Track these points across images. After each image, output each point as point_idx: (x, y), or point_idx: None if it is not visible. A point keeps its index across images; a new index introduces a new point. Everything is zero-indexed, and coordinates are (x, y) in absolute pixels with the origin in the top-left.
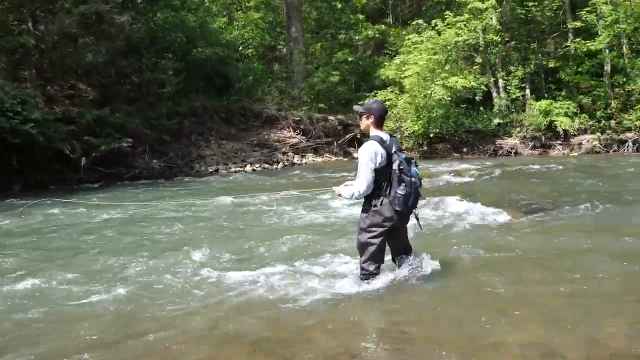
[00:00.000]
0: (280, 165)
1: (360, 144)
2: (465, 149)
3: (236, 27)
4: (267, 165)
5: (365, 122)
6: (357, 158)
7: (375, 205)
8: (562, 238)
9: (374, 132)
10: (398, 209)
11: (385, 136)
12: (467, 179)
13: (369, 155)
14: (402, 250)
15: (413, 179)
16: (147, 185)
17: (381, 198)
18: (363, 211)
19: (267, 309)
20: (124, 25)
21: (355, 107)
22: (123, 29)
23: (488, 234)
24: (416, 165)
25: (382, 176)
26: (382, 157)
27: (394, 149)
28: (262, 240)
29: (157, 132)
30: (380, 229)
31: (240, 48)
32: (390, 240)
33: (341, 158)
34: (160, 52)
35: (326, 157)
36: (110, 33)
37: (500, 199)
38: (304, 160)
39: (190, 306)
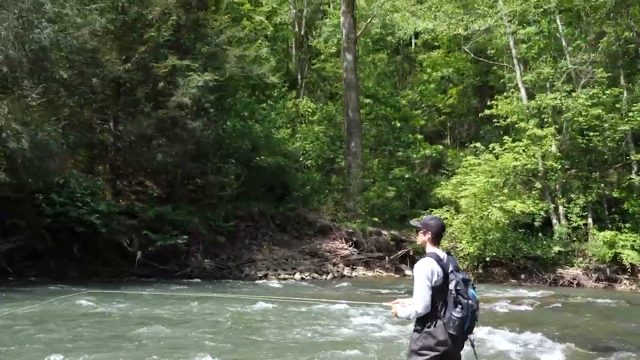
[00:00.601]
0: (330, 276)
1: (413, 261)
2: (523, 276)
3: (298, 138)
4: (317, 275)
5: (421, 238)
6: (408, 275)
7: (428, 327)
8: None
9: (430, 249)
10: (453, 332)
11: (442, 254)
12: (525, 308)
13: (425, 273)
14: None
15: (470, 301)
16: (198, 284)
17: (435, 320)
18: (415, 331)
19: None
20: (195, 130)
21: (413, 222)
22: (194, 134)
23: None
24: (474, 288)
25: (438, 296)
26: (438, 275)
27: (450, 268)
28: (307, 355)
29: (213, 233)
30: (432, 353)
31: (300, 158)
32: None
33: (392, 274)
34: (225, 157)
35: (377, 271)
36: (182, 137)
37: (561, 332)
38: (354, 273)
39: None
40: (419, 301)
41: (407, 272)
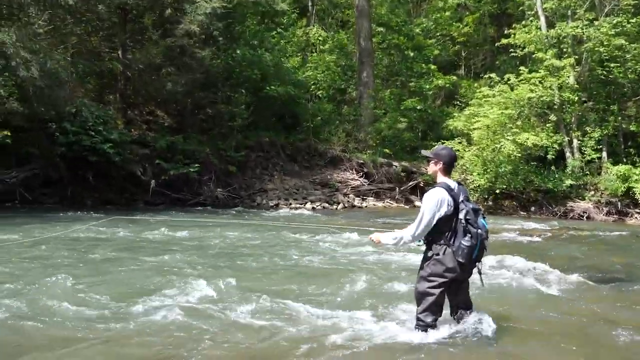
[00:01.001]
0: (340, 206)
1: (423, 192)
2: (533, 208)
3: (309, 68)
4: (327, 205)
5: (432, 168)
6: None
7: (437, 254)
8: (637, 308)
9: (441, 178)
10: (461, 260)
11: (453, 184)
12: (534, 239)
13: (434, 201)
14: (461, 305)
15: (479, 230)
16: (211, 212)
17: (444, 247)
18: (424, 259)
19: (316, 352)
20: (204, 59)
21: (424, 152)
22: (203, 63)
23: (552, 298)
24: (483, 217)
25: (447, 225)
26: (448, 205)
27: (461, 198)
28: (314, 281)
29: (225, 162)
30: (441, 280)
31: (311, 89)
32: (450, 293)
33: (402, 205)
34: (234, 86)
35: (387, 202)
36: (191, 66)
37: (569, 262)
38: (364, 204)
39: (235, 341)
40: (418, 226)
41: (417, 203)
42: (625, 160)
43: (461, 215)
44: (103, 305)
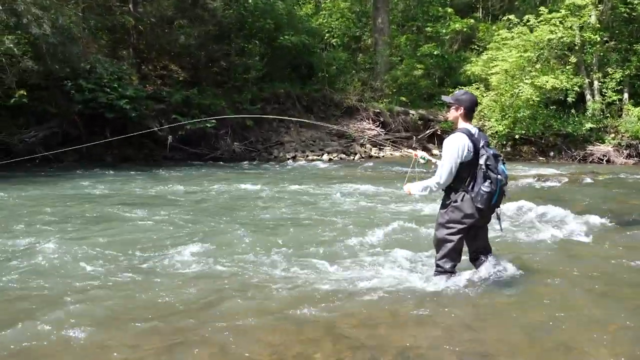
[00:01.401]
0: (357, 156)
1: (440, 140)
2: (552, 153)
3: (322, 15)
4: (344, 156)
5: (453, 114)
6: (436, 155)
7: (455, 201)
8: None
9: (462, 124)
10: (480, 206)
11: (474, 129)
12: (553, 184)
13: (456, 147)
14: (480, 250)
15: (499, 176)
16: (230, 167)
17: (462, 193)
18: (442, 206)
19: (337, 299)
20: (217, 10)
21: (444, 97)
22: (215, 15)
23: (572, 242)
24: (503, 163)
25: (466, 171)
26: (469, 150)
27: (482, 143)
28: (335, 231)
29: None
30: (460, 226)
31: (325, 37)
32: (469, 239)
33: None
34: (248, 37)
35: (405, 151)
36: (203, 17)
37: (588, 207)
38: (381, 154)
39: (257, 294)
40: (444, 173)
41: (435, 151)
42: None
43: (481, 161)
44: (115, 259)
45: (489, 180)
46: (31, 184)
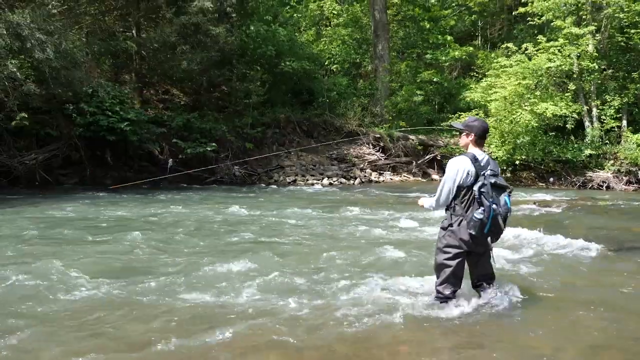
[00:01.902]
0: (357, 181)
1: (440, 165)
2: (551, 179)
3: (323, 42)
4: (344, 180)
5: (464, 140)
6: (435, 179)
7: (451, 225)
8: None
9: (471, 149)
10: (472, 232)
11: (481, 155)
12: (553, 210)
13: (455, 169)
14: (482, 277)
15: (494, 205)
16: (228, 190)
17: (460, 218)
18: (441, 229)
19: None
20: (219, 36)
21: (454, 124)
22: (218, 41)
23: (572, 268)
24: (509, 195)
25: (465, 196)
26: (469, 175)
27: (487, 171)
28: (339, 254)
29: (241, 139)
30: (456, 250)
31: (326, 63)
32: (470, 265)
33: (419, 178)
34: (249, 63)
35: (404, 176)
36: (205, 43)
37: (588, 233)
38: (381, 178)
39: (267, 313)
40: (439, 193)
41: (435, 176)
42: None
43: (475, 187)
44: (101, 284)
45: (482, 208)
46: (26, 205)
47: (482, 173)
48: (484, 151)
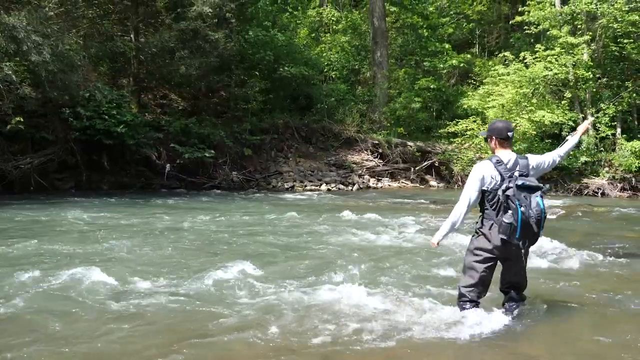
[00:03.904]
0: (355, 187)
1: (438, 172)
2: (547, 185)
3: (322, 49)
4: (343, 186)
5: (491, 146)
6: (433, 186)
7: (482, 228)
8: None
9: (497, 152)
10: (503, 237)
11: (507, 157)
12: (549, 216)
13: (474, 177)
14: (510, 285)
15: (523, 208)
16: (225, 195)
17: (491, 222)
18: (474, 232)
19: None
20: (218, 42)
21: (481, 133)
22: (217, 46)
23: (568, 275)
24: (542, 196)
25: (493, 200)
26: (493, 179)
27: (514, 173)
28: (353, 261)
29: (240, 145)
30: (487, 254)
31: (325, 69)
32: (501, 271)
33: (417, 185)
34: (248, 69)
35: (402, 182)
36: (204, 49)
37: (584, 239)
38: (379, 184)
39: (283, 328)
40: (460, 203)
41: (432, 182)
42: (639, 136)
43: (499, 191)
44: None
45: (510, 211)
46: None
47: (507, 175)
48: (514, 150)
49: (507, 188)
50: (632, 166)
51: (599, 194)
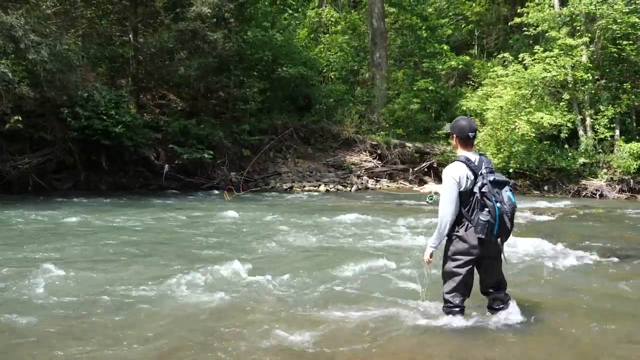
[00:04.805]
0: (354, 188)
1: (437, 173)
2: (546, 187)
3: (321, 49)
4: (341, 187)
5: (453, 142)
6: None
7: (458, 231)
8: None
9: (460, 152)
10: (481, 236)
11: (474, 156)
12: (547, 218)
13: (451, 177)
14: (492, 285)
15: (498, 204)
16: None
17: (466, 223)
18: (448, 237)
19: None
20: (216, 42)
21: (445, 127)
22: (216, 46)
23: (567, 276)
24: (511, 190)
25: (467, 200)
26: (467, 179)
27: (482, 170)
28: (341, 263)
29: (238, 146)
30: (466, 257)
31: (324, 70)
32: (481, 272)
33: (416, 186)
34: (247, 69)
35: (401, 183)
36: (203, 49)
37: (583, 240)
38: (378, 185)
39: (280, 329)
40: (444, 207)
41: (431, 182)
42: (637, 138)
43: (476, 189)
44: (107, 292)
45: (487, 209)
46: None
47: (479, 173)
48: (477, 151)
49: (483, 185)
50: (631, 168)
51: (597, 195)
